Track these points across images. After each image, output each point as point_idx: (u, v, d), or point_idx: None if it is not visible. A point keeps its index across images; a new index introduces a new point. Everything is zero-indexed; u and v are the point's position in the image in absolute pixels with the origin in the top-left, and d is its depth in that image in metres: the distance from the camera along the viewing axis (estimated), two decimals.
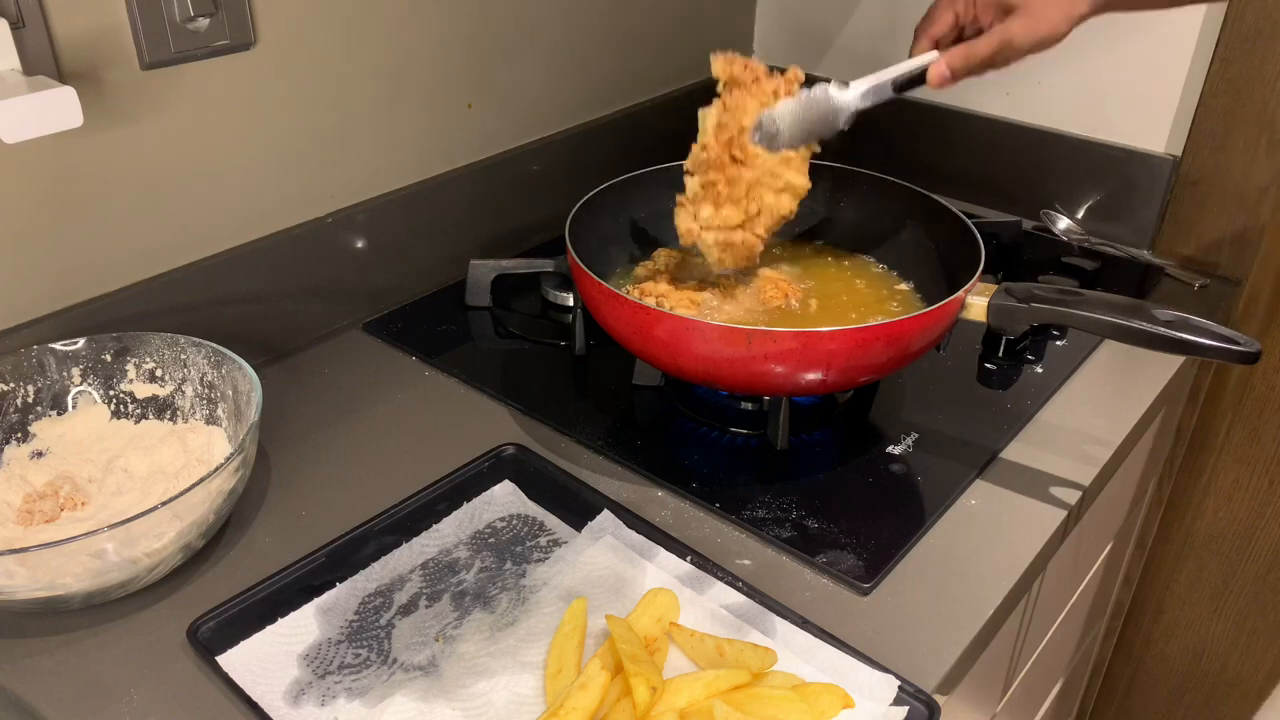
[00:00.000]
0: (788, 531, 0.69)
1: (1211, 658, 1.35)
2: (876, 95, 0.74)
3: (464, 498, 0.71)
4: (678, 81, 1.23)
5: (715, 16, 1.26)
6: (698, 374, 0.73)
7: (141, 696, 0.57)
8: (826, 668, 0.58)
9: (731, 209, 0.75)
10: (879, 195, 0.92)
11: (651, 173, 0.93)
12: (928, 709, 0.56)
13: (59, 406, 0.73)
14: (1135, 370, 0.89)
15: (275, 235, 0.87)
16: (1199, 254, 1.08)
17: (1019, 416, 0.82)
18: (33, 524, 0.66)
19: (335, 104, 0.87)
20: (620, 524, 0.68)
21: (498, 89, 1.01)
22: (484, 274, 0.96)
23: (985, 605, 0.64)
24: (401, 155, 0.95)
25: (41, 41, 0.67)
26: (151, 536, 0.59)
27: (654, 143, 1.17)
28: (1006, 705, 0.97)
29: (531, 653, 0.59)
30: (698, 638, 0.59)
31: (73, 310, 0.75)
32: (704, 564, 0.65)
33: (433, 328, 0.94)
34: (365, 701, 0.56)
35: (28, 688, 0.58)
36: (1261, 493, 1.20)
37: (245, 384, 0.70)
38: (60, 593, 0.59)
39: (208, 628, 0.61)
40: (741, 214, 0.76)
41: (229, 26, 0.77)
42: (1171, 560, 1.32)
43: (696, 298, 0.83)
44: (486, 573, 0.65)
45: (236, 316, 0.85)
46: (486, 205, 1.03)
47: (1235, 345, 0.65)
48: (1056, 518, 0.72)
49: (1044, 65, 1.10)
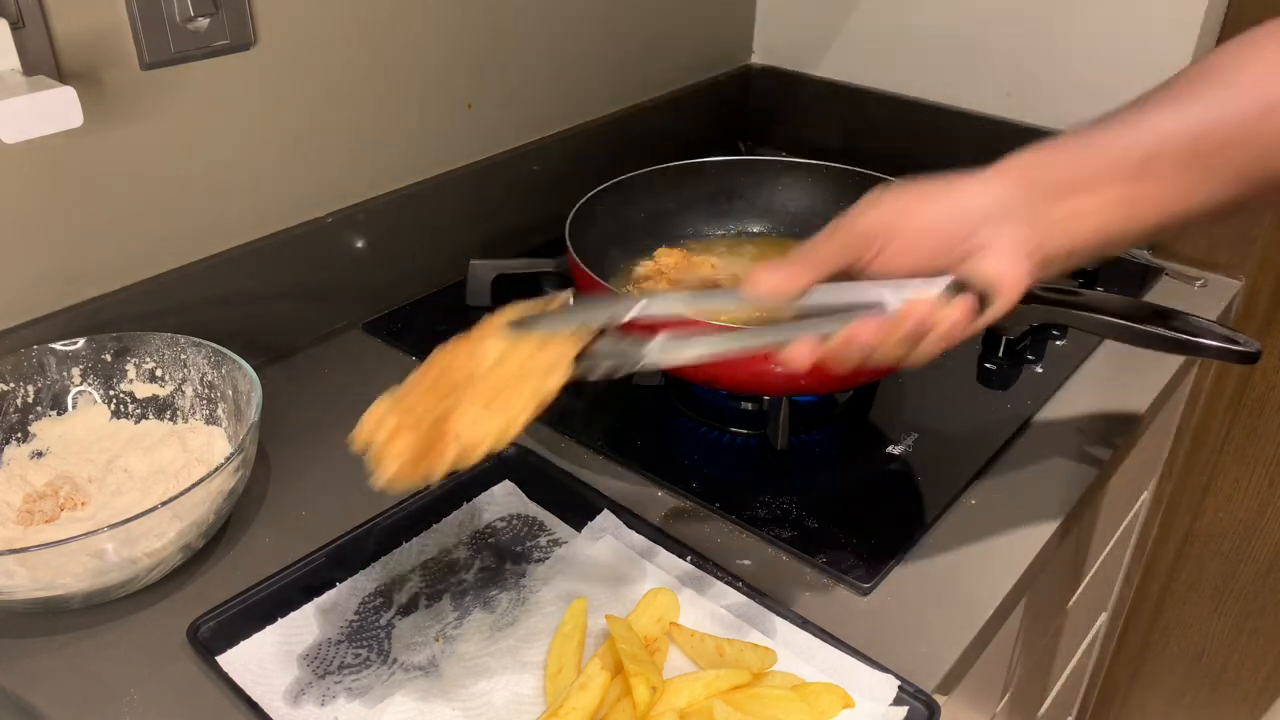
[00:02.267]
0: (788, 531, 0.69)
1: (1211, 658, 1.35)
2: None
3: (464, 498, 0.71)
4: (678, 81, 1.23)
5: (715, 16, 1.26)
6: (698, 374, 0.73)
7: (141, 696, 0.57)
8: (826, 668, 0.58)
9: (415, 439, 0.52)
10: None
11: (651, 173, 0.93)
12: (928, 709, 0.56)
13: (59, 406, 0.73)
14: (1135, 370, 0.89)
15: (275, 235, 0.87)
16: (1199, 254, 1.08)
17: (1019, 416, 0.82)
18: (33, 524, 0.66)
19: (335, 104, 0.87)
20: (620, 524, 0.68)
21: (498, 89, 1.01)
22: (484, 274, 0.96)
23: (985, 605, 0.64)
24: (402, 155, 0.95)
25: (41, 41, 0.67)
26: (151, 536, 0.59)
27: (654, 143, 1.17)
28: (1006, 705, 0.96)
29: (531, 653, 0.59)
30: (698, 638, 0.59)
31: (73, 310, 0.75)
32: (704, 564, 0.65)
33: (433, 328, 0.94)
34: (365, 701, 0.56)
35: (28, 688, 0.58)
36: (1261, 493, 1.20)
37: (245, 384, 0.70)
38: (60, 593, 0.59)
39: (208, 628, 0.61)
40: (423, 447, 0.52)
41: (229, 26, 0.77)
42: (1171, 560, 1.32)
43: None
44: (486, 573, 0.65)
45: (236, 316, 0.85)
46: (486, 205, 1.03)
47: (1235, 345, 0.65)
48: (1057, 518, 0.72)
49: (1044, 65, 1.10)
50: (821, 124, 1.30)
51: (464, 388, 0.51)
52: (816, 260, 0.52)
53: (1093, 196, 0.51)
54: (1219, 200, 0.52)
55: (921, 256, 0.51)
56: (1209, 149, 0.50)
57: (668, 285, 0.85)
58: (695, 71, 1.25)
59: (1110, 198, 0.51)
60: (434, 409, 0.51)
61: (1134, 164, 0.51)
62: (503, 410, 0.49)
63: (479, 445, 0.49)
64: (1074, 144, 0.53)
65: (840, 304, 0.51)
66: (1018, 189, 0.52)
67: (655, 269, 0.90)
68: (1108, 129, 0.52)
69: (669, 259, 0.91)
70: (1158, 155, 0.51)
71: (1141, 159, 0.51)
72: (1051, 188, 0.51)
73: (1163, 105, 0.52)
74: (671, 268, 0.90)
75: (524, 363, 0.51)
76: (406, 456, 0.49)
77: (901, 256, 0.51)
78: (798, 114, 1.32)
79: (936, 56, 1.17)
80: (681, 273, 0.89)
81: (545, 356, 0.51)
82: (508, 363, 0.51)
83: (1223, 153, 0.50)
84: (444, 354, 0.54)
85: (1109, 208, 0.51)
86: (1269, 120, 0.50)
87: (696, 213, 0.97)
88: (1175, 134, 0.51)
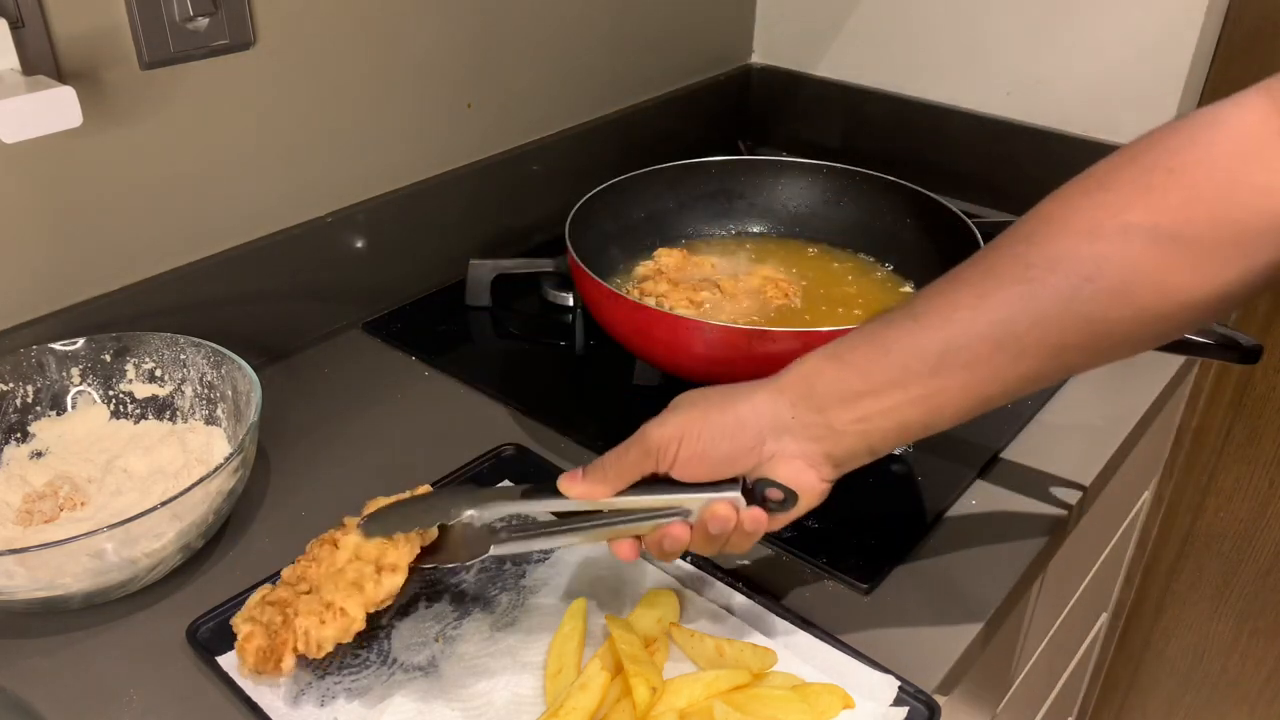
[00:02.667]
0: (788, 531, 0.69)
1: (1211, 658, 1.35)
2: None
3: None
4: (678, 81, 1.23)
5: (715, 16, 1.26)
6: (698, 374, 0.73)
7: (141, 696, 0.57)
8: (827, 668, 0.58)
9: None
10: (879, 195, 0.92)
11: (651, 173, 0.93)
12: (928, 709, 0.56)
13: (58, 406, 0.73)
14: (1135, 370, 0.89)
15: (275, 235, 0.87)
16: None
17: (1019, 416, 0.82)
18: (32, 524, 0.66)
19: (335, 103, 0.87)
20: None
21: (498, 89, 1.01)
22: (484, 274, 0.96)
23: (985, 605, 0.64)
24: (402, 155, 0.95)
25: (41, 41, 0.67)
26: (151, 537, 0.59)
27: (654, 143, 1.17)
28: (1006, 705, 0.96)
29: (531, 653, 0.59)
30: (698, 638, 0.59)
31: (72, 310, 0.75)
32: (704, 564, 0.65)
33: (433, 328, 0.94)
34: (365, 702, 0.56)
35: (28, 688, 0.58)
36: (1262, 493, 1.20)
37: (245, 384, 0.70)
38: (60, 593, 0.59)
39: (207, 628, 0.61)
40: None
41: (229, 26, 0.77)
42: (1171, 560, 1.32)
43: (696, 298, 0.83)
44: (486, 573, 0.65)
45: (236, 316, 0.85)
46: (486, 205, 1.03)
47: (1235, 345, 0.65)
48: (1057, 518, 0.72)
49: (1044, 65, 1.10)
50: (821, 124, 1.30)
51: (317, 585, 0.57)
52: (616, 473, 0.54)
53: (884, 399, 0.50)
54: (1039, 375, 0.49)
55: (714, 464, 0.53)
56: (1018, 332, 0.48)
57: (668, 285, 0.85)
58: (695, 71, 1.25)
59: (905, 398, 0.50)
60: (286, 606, 0.56)
61: (929, 364, 0.49)
62: (336, 620, 0.54)
63: (321, 647, 0.54)
64: (863, 347, 0.52)
65: (647, 509, 0.55)
66: (796, 404, 0.52)
67: (655, 269, 0.90)
68: (904, 325, 0.51)
69: (669, 259, 0.91)
70: (954, 350, 0.49)
71: (936, 356, 0.49)
72: (834, 398, 0.51)
73: (965, 292, 0.49)
74: (671, 268, 0.90)
75: (363, 567, 0.56)
76: (260, 655, 0.54)
77: (696, 464, 0.53)
78: (798, 114, 1.32)
79: (936, 56, 1.17)
80: (681, 273, 0.89)
81: (388, 558, 0.56)
82: (354, 564, 0.57)
83: (1033, 333, 0.48)
84: (316, 544, 0.60)
85: (905, 407, 0.50)
86: (1084, 293, 0.46)
87: (696, 213, 0.97)
88: (970, 330, 0.48)
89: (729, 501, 0.53)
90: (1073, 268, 0.47)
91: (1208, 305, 0.47)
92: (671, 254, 0.91)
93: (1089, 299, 0.47)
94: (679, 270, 0.89)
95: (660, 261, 0.91)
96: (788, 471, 0.53)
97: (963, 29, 1.14)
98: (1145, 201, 0.46)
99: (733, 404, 0.53)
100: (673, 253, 0.91)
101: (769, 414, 0.53)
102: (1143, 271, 0.46)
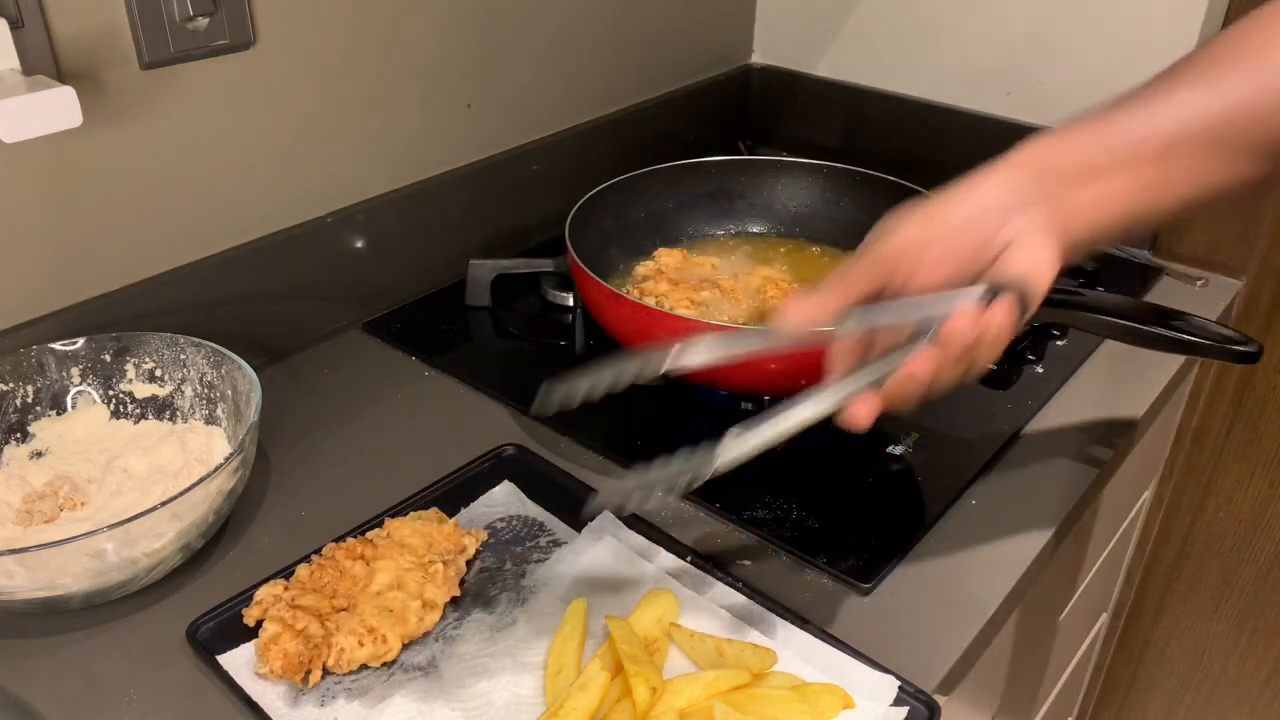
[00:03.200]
0: (788, 531, 0.69)
1: (1211, 658, 1.35)
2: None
3: (464, 498, 0.71)
4: (678, 81, 1.23)
5: (715, 16, 1.26)
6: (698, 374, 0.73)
7: (141, 696, 0.57)
8: (826, 668, 0.58)
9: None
10: (879, 195, 0.92)
11: (651, 173, 0.93)
12: (928, 709, 0.56)
13: (58, 406, 0.73)
14: (1135, 370, 0.89)
15: (275, 235, 0.87)
16: (1199, 254, 1.08)
17: (1019, 416, 0.82)
18: (32, 524, 0.66)
19: (335, 104, 0.87)
20: (620, 524, 0.68)
21: (498, 89, 1.01)
22: (484, 274, 0.96)
23: (985, 605, 0.64)
24: (402, 155, 0.95)
25: (41, 41, 0.67)
26: (151, 537, 0.59)
27: (654, 143, 1.17)
28: (1007, 705, 0.96)
29: (531, 653, 0.59)
30: (698, 638, 0.59)
31: (72, 310, 0.75)
32: (704, 564, 0.65)
33: (432, 328, 0.94)
34: (365, 702, 0.56)
35: (28, 688, 0.58)
36: (1262, 493, 1.20)
37: (245, 384, 0.70)
38: (60, 593, 0.59)
39: (207, 628, 0.61)
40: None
41: (229, 26, 0.77)
42: (1171, 560, 1.31)
43: (696, 298, 0.83)
44: (486, 573, 0.65)
45: (236, 316, 0.85)
46: (486, 205, 1.03)
47: (1235, 345, 0.65)
48: (1057, 518, 0.72)
49: (1044, 65, 1.10)
50: (821, 124, 1.30)
51: (352, 602, 0.59)
52: (845, 286, 0.51)
53: (1114, 182, 0.50)
54: (1247, 179, 0.50)
55: (954, 266, 0.50)
56: (1238, 130, 0.49)
57: (668, 285, 0.85)
58: (695, 71, 1.25)
59: (1133, 183, 0.50)
60: (321, 616, 0.58)
61: (1157, 149, 0.49)
62: (374, 645, 0.57)
63: (349, 665, 0.57)
64: (1092, 129, 0.51)
65: (880, 326, 0.49)
66: (1034, 178, 0.51)
67: (655, 269, 0.90)
68: (1129, 111, 0.51)
69: (669, 259, 0.91)
70: (1182, 139, 0.49)
71: (1165, 143, 0.49)
72: (1070, 175, 0.50)
73: (1186, 85, 0.50)
74: (671, 268, 0.90)
75: (408, 600, 0.59)
76: (289, 659, 0.56)
77: (935, 270, 0.50)
78: (798, 114, 1.32)
79: (937, 56, 1.17)
80: (681, 273, 0.89)
81: (428, 593, 0.60)
82: (395, 593, 0.59)
83: (1252, 132, 0.49)
84: (342, 551, 0.62)
85: (1133, 192, 0.50)
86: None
87: (696, 213, 0.97)
88: (1201, 116, 0.49)
89: (971, 307, 0.48)
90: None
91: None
92: (671, 254, 0.91)
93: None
94: (679, 270, 0.89)
95: (660, 261, 0.91)
96: (1026, 256, 0.49)
97: (963, 29, 1.14)
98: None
99: (961, 197, 0.51)
100: (673, 253, 0.92)
101: (1005, 192, 0.50)
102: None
